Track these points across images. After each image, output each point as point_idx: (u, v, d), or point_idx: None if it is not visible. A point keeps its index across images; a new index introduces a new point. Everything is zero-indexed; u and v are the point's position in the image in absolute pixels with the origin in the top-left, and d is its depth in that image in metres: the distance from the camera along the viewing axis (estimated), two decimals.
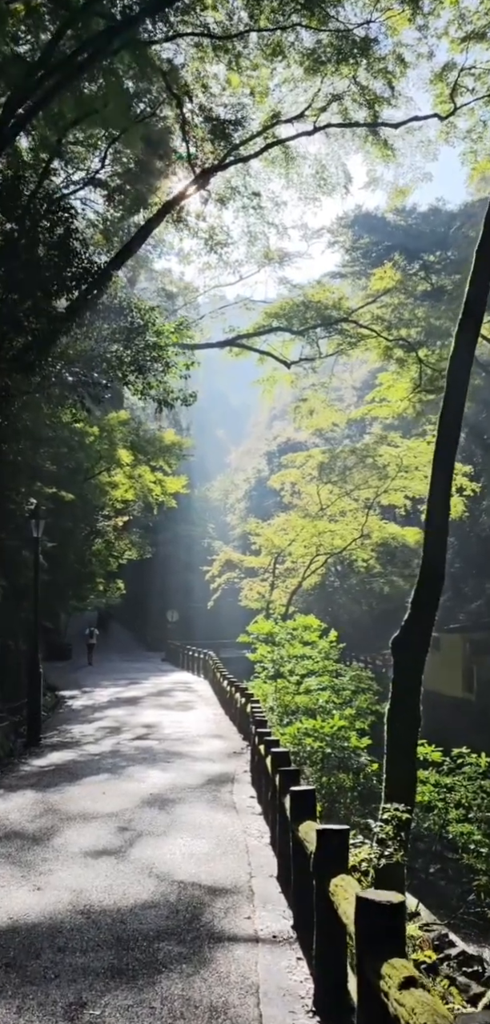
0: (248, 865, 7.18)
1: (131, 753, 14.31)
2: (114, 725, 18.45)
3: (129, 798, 10.26)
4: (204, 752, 14.61)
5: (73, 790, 10.82)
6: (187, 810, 9.54)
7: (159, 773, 12.24)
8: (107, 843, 7.97)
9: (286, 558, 36.09)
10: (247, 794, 10.81)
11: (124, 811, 9.48)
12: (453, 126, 25.78)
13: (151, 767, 12.81)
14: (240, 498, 64.42)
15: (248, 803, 10.19)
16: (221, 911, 5.85)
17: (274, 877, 6.81)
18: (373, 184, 27.21)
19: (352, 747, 15.90)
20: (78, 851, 7.64)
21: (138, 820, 8.99)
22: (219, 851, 7.63)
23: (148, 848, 7.73)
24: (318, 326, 27.36)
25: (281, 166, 26.43)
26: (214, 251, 29.82)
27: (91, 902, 6.08)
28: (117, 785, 11.21)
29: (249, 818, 9.22)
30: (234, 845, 7.87)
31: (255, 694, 18.36)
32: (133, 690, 27.39)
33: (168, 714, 20.65)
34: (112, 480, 30.32)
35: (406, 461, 32.18)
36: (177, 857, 7.39)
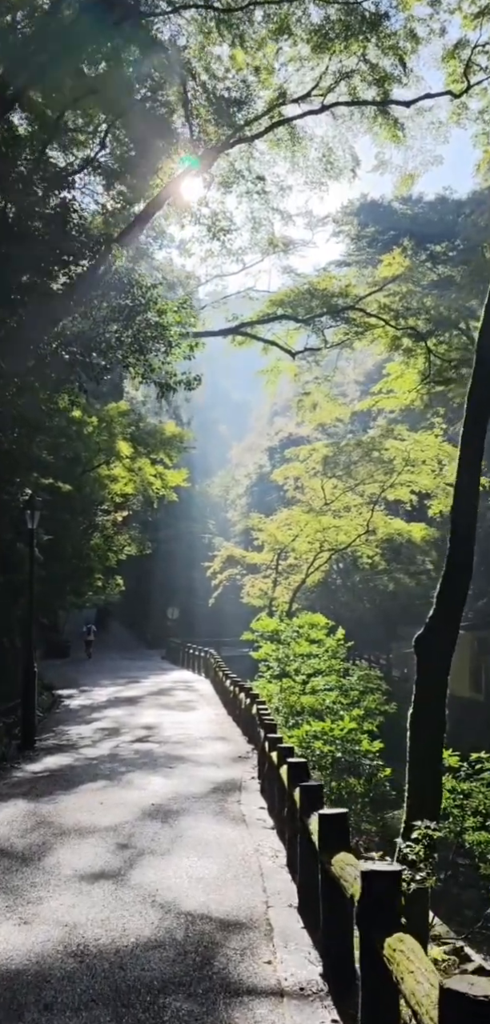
0: (263, 892, 6.36)
1: (131, 757, 13.51)
2: (113, 726, 17.65)
3: (129, 809, 9.45)
4: (208, 756, 13.80)
5: (68, 800, 10.01)
6: (192, 823, 8.72)
7: (161, 780, 11.43)
8: (104, 864, 7.15)
9: (289, 554, 35.26)
10: (256, 804, 10.00)
11: (123, 824, 8.67)
12: (465, 107, 24.94)
13: (152, 773, 12.00)
14: (241, 494, 63.61)
15: (258, 815, 9.38)
16: (236, 952, 5.03)
17: (294, 908, 5.99)
18: (382, 167, 26.37)
19: (363, 751, 15.08)
20: (72, 874, 6.82)
21: (139, 835, 8.17)
22: (230, 874, 6.81)
23: (150, 870, 6.92)
24: (324, 314, 26.51)
25: (287, 148, 25.57)
26: (217, 238, 28.95)
27: (86, 940, 5.26)
28: (116, 794, 10.40)
29: (260, 833, 8.41)
30: (246, 867, 7.05)
31: (260, 694, 17.54)
32: (133, 689, 26.60)
33: (169, 714, 19.85)
34: (111, 473, 29.48)
35: (413, 455, 31.35)
36: (183, 882, 6.57)
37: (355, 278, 27.77)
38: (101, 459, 28.44)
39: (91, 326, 13.28)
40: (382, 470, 33.19)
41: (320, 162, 26.68)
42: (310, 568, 34.42)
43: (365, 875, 3.49)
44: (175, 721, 18.56)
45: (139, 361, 14.22)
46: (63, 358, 13.12)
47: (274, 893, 6.35)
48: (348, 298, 26.05)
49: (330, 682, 20.05)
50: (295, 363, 31.80)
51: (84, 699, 23.62)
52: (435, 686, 9.33)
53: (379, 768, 15.00)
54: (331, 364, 38.87)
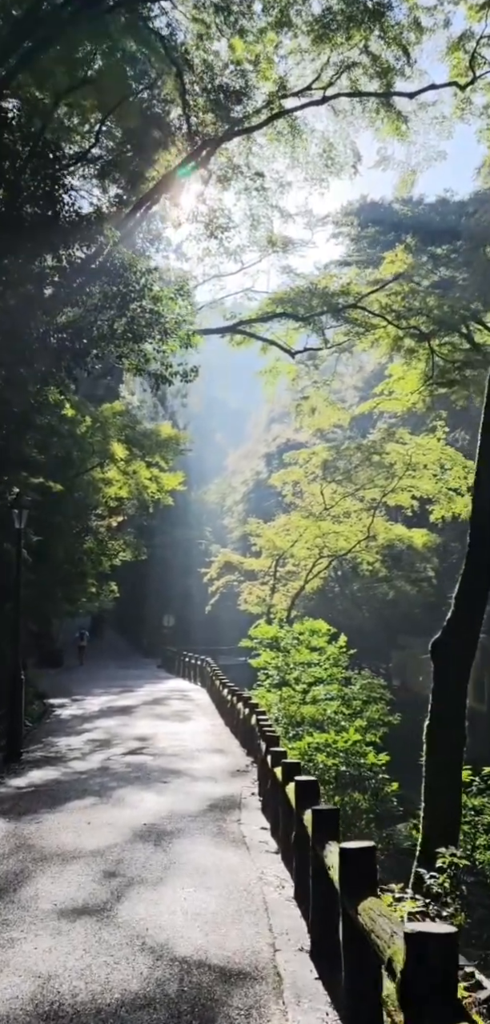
0: (269, 931, 5.55)
1: (122, 771, 12.67)
2: (104, 737, 16.81)
3: (118, 830, 8.62)
4: (204, 770, 12.97)
5: (53, 819, 9.17)
6: (188, 847, 7.90)
7: (154, 796, 10.60)
8: (88, 896, 6.33)
9: (288, 560, 34.47)
10: (257, 824, 9.19)
11: (112, 848, 7.84)
12: (469, 102, 24.34)
13: (145, 789, 11.17)
14: (238, 500, 62.83)
15: (260, 836, 8.56)
16: (240, 1013, 4.22)
17: (306, 952, 5.18)
18: (384, 163, 25.74)
19: (369, 764, 14.28)
20: (51, 908, 5.99)
21: (128, 861, 7.35)
22: (231, 908, 6.00)
23: (140, 904, 6.10)
24: (325, 313, 25.81)
25: (287, 142, 24.90)
26: (214, 236, 28.25)
27: (61, 996, 4.44)
28: (105, 812, 9.57)
29: (263, 858, 7.60)
30: (249, 900, 6.24)
31: (259, 704, 16.71)
32: (126, 698, 25.76)
33: (164, 725, 19.00)
34: (105, 476, 28.69)
35: (415, 459, 30.63)
36: (177, 918, 5.76)
37: (356, 278, 27.06)
38: (95, 461, 27.64)
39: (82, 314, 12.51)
40: (383, 475, 32.49)
41: (320, 157, 26.02)
42: (309, 575, 33.61)
43: (414, 939, 2.69)
44: (170, 732, 17.72)
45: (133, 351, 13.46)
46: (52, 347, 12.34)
47: (282, 933, 5.54)
48: (349, 296, 25.36)
49: (331, 691, 19.28)
50: (294, 366, 31.12)
51: (76, 708, 22.77)
52: (454, 694, 8.55)
53: (386, 782, 14.20)
54: (330, 369, 38.25)
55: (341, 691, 19.39)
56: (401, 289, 27.28)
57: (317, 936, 5.04)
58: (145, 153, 23.04)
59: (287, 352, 26.75)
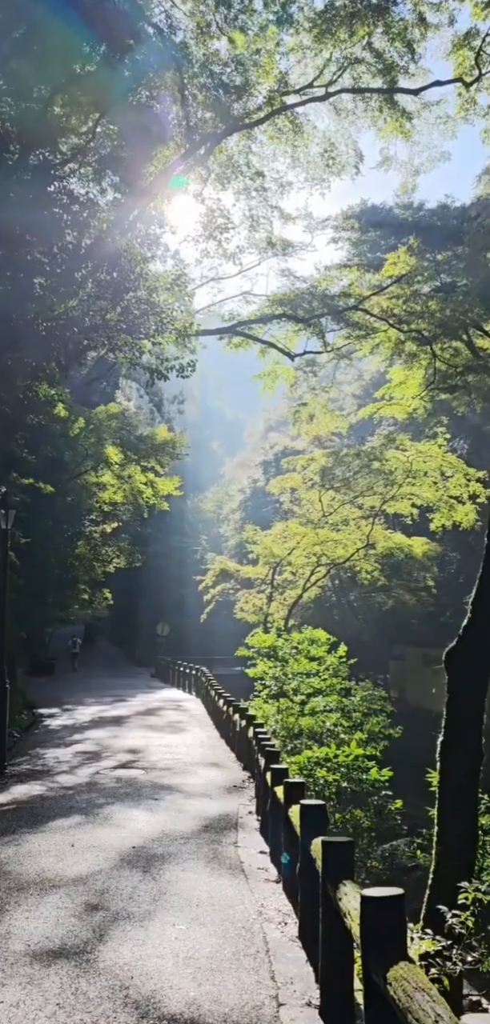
0: (272, 980, 4.86)
1: (111, 786, 11.94)
2: (94, 749, 16.07)
3: (104, 854, 7.92)
4: (199, 785, 12.26)
5: (34, 841, 8.45)
6: (180, 874, 7.20)
7: (144, 815, 9.89)
8: (67, 934, 5.62)
9: (285, 568, 33.78)
10: (256, 847, 8.49)
11: (96, 875, 7.14)
12: (473, 102, 23.87)
13: (135, 806, 10.46)
14: (234, 508, 62.17)
15: (259, 862, 7.87)
16: None
17: (314, 1008, 4.48)
18: (386, 163, 25.21)
19: (371, 780, 13.58)
20: (23, 950, 5.29)
21: (114, 891, 6.64)
22: (228, 951, 5.30)
23: (125, 945, 5.39)
24: (325, 315, 25.23)
25: (288, 140, 24.38)
26: (213, 237, 27.68)
27: None
28: (91, 833, 8.85)
29: (263, 888, 6.90)
30: (248, 939, 5.54)
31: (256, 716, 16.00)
32: (118, 708, 24.99)
33: (156, 737, 18.26)
34: (99, 480, 28.03)
35: (415, 466, 30.02)
36: (167, 963, 5.06)
37: (357, 280, 26.51)
38: (88, 465, 27.02)
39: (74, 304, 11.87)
40: (382, 482, 31.87)
41: (322, 157, 25.52)
42: (307, 583, 32.94)
43: None
44: (163, 744, 16.99)
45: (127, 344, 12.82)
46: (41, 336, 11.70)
47: (286, 982, 4.84)
48: (350, 298, 24.81)
49: (331, 703, 18.58)
50: (293, 370, 30.54)
51: (66, 718, 22.01)
52: (470, 707, 7.88)
53: (389, 800, 13.50)
54: (328, 377, 37.70)
55: (341, 703, 18.72)
56: (403, 292, 26.73)
57: (328, 990, 4.35)
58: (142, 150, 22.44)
59: (286, 355, 26.17)
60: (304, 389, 34.80)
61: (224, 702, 18.89)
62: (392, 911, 3.20)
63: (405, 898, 3.25)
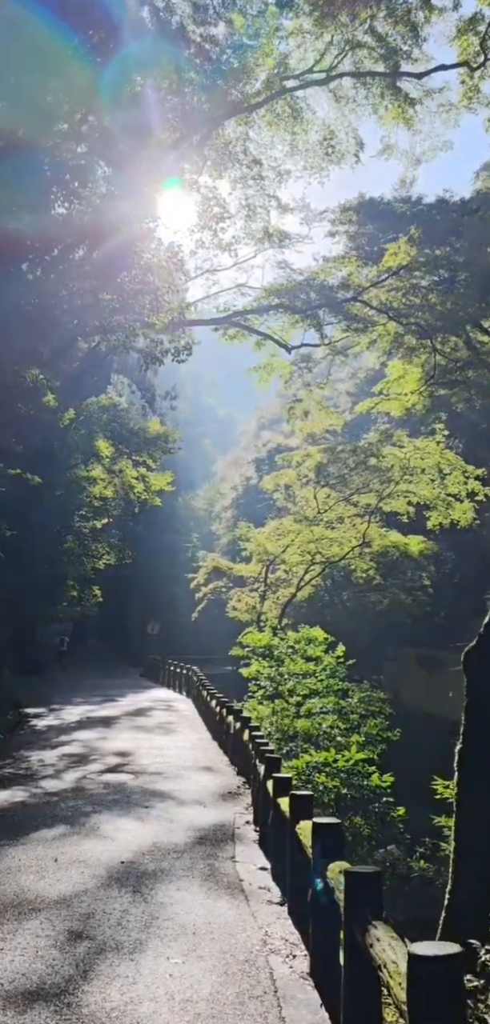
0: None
1: (99, 792, 11.24)
2: (81, 752, 15.35)
3: (91, 870, 7.23)
4: (192, 791, 11.58)
5: (13, 855, 7.75)
6: (174, 895, 6.53)
7: (134, 825, 9.21)
8: (47, 969, 4.94)
9: (278, 567, 33.12)
10: (256, 862, 7.83)
11: (81, 896, 6.45)
12: (476, 89, 23.36)
13: (124, 815, 9.78)
14: (227, 506, 61.47)
15: (260, 879, 7.21)
16: None
17: None
18: (387, 152, 24.65)
19: (373, 786, 12.94)
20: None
21: (100, 916, 5.96)
22: (230, 991, 4.63)
23: (113, 984, 4.71)
24: (323, 306, 24.62)
25: (286, 127, 23.77)
26: (208, 227, 27.01)
27: None
28: (76, 846, 8.16)
29: (266, 912, 6.24)
30: (253, 976, 4.88)
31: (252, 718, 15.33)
32: (107, 708, 24.26)
33: (146, 739, 17.57)
34: (89, 474, 27.27)
35: (413, 462, 29.44)
36: (162, 1009, 4.38)
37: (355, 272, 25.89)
38: (78, 458, 26.26)
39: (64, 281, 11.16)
40: (378, 479, 31.27)
41: (321, 145, 24.93)
42: (301, 582, 32.29)
43: None
44: (153, 747, 16.29)
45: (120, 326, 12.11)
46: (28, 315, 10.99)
47: None
48: (349, 289, 24.20)
49: (328, 704, 17.95)
50: (288, 364, 29.97)
51: (53, 719, 21.26)
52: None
53: (391, 807, 12.87)
54: (323, 374, 37.09)
55: (338, 704, 18.09)
56: (402, 284, 26.19)
57: None
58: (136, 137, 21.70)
59: (283, 347, 25.56)
60: (299, 385, 34.23)
61: (217, 703, 18.23)
62: (449, 971, 2.54)
63: (462, 957, 2.59)
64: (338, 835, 4.89)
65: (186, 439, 71.97)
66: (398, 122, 23.24)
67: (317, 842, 4.87)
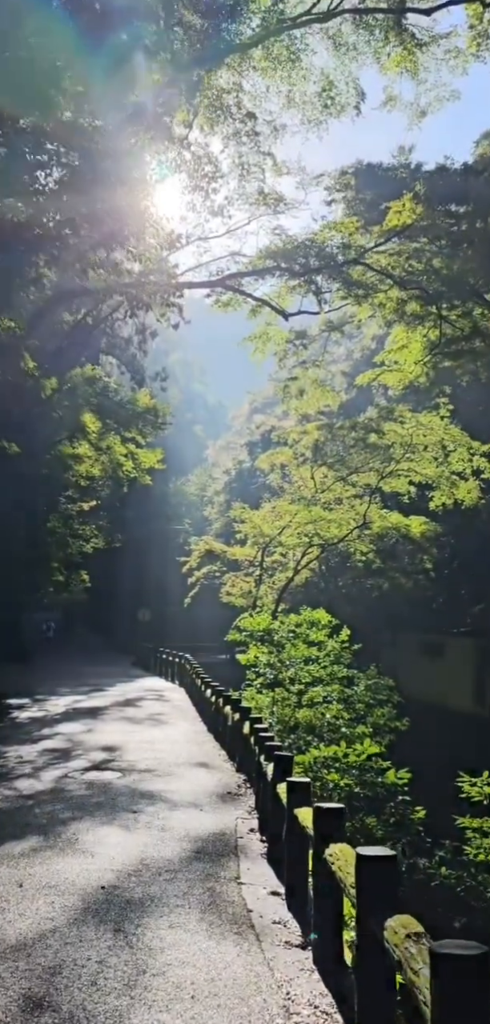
0: None
1: (80, 794, 9.84)
2: (65, 746, 13.95)
3: (62, 899, 5.82)
4: (186, 792, 10.19)
5: None
6: (165, 935, 5.12)
7: (119, 835, 7.81)
8: None
9: (275, 549, 31.71)
10: (265, 884, 6.45)
11: (47, 938, 5.04)
12: (486, 35, 21.85)
13: (108, 822, 8.38)
14: (219, 491, 59.99)
15: (272, 909, 5.82)
16: None
17: None
18: (390, 103, 23.18)
19: (389, 783, 11.58)
20: None
21: (69, 972, 4.54)
22: None
23: None
24: (323, 268, 23.13)
25: (282, 75, 22.20)
26: (199, 188, 25.49)
27: None
28: (48, 864, 6.75)
29: (285, 959, 4.84)
30: None
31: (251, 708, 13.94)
32: (95, 699, 22.89)
33: (136, 731, 16.19)
34: (75, 452, 25.74)
35: (415, 439, 28.04)
36: None
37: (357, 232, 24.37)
38: (64, 434, 24.72)
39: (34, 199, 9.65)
40: (379, 457, 29.85)
41: (319, 97, 23.40)
42: (298, 565, 30.91)
43: None
44: (143, 740, 14.91)
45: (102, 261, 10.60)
46: None
47: None
48: (350, 250, 22.72)
49: (332, 692, 16.59)
50: (284, 335, 28.50)
51: (37, 710, 19.86)
52: None
53: (409, 807, 11.51)
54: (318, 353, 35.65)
55: (343, 692, 16.74)
56: (405, 249, 24.71)
57: None
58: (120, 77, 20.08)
59: (280, 313, 24.08)
60: (293, 363, 32.83)
61: (212, 692, 16.87)
62: None
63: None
64: (392, 874, 3.49)
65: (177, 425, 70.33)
66: (402, 69, 21.73)
67: (365, 885, 3.46)
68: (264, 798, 8.36)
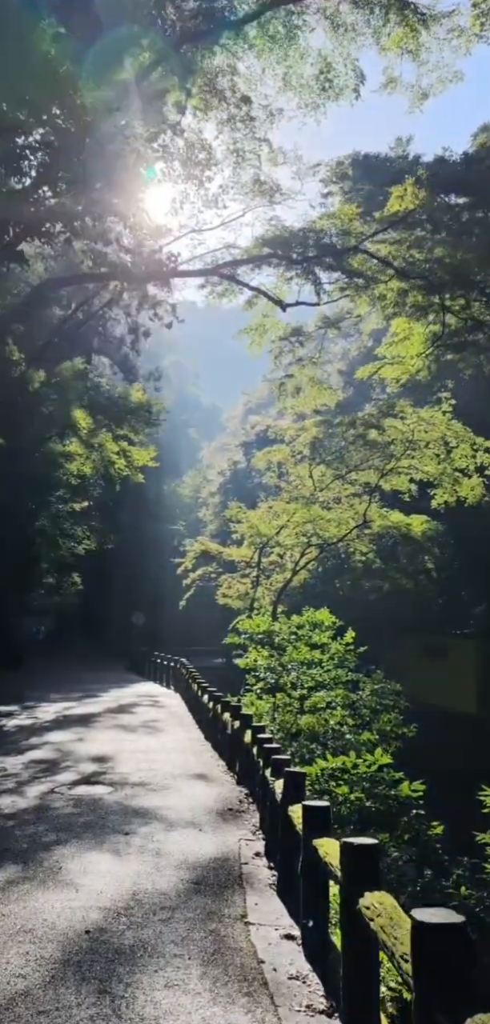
0: None
1: (66, 813, 8.93)
2: (53, 757, 13.04)
3: (39, 948, 4.92)
4: (183, 809, 9.30)
5: None
6: (160, 999, 4.23)
7: (108, 863, 6.92)
8: None
9: (272, 550, 30.82)
10: (277, 924, 5.56)
11: (16, 1005, 4.14)
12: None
13: (96, 846, 7.49)
14: (214, 492, 59.06)
15: (288, 959, 4.93)
16: None
17: None
18: (391, 85, 22.30)
19: (403, 796, 10.70)
20: None
21: None
22: None
23: None
24: (322, 257, 22.29)
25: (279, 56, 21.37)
26: (193, 177, 24.64)
27: None
28: (24, 902, 5.84)
29: None
30: None
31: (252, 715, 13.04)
32: (88, 705, 22.00)
33: (129, 740, 15.29)
34: (65, 450, 24.81)
35: (417, 435, 27.21)
36: None
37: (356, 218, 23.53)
38: (53, 431, 23.80)
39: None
40: (379, 455, 29.01)
41: (317, 80, 22.58)
42: (297, 566, 30.02)
43: None
44: (137, 749, 14.01)
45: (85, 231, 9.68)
46: None
47: None
48: (350, 237, 21.89)
49: (336, 698, 15.74)
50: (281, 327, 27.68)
51: (26, 718, 18.94)
52: None
53: (425, 823, 10.63)
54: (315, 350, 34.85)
55: (347, 697, 15.89)
56: (406, 238, 23.91)
57: None
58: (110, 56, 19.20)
59: (277, 303, 23.23)
60: (289, 360, 32.03)
61: (209, 698, 15.98)
62: None
63: None
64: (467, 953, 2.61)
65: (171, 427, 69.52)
66: (403, 50, 20.92)
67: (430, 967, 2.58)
68: (271, 818, 7.48)
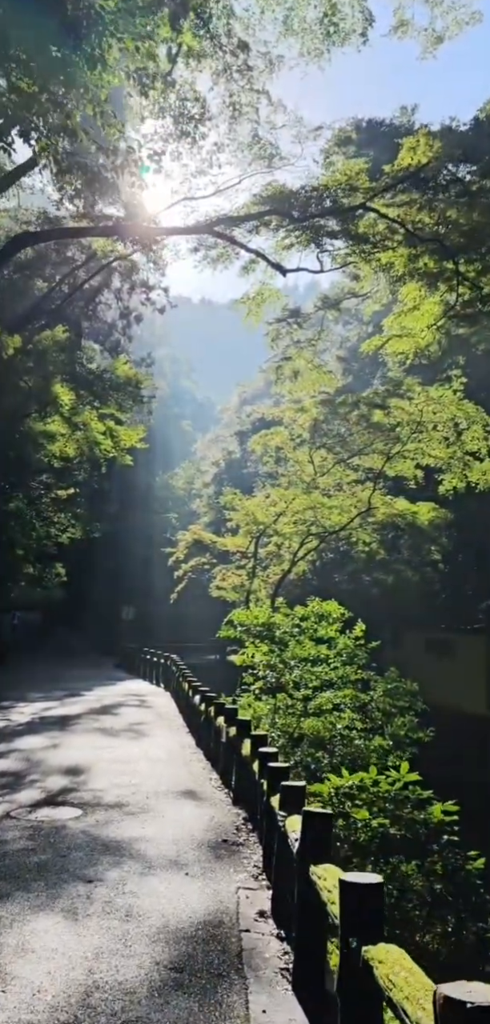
0: None
1: (17, 849, 7.03)
2: (17, 768, 11.13)
3: None
4: (166, 841, 7.42)
5: None
6: None
7: (58, 934, 5.03)
8: None
9: (269, 539, 28.95)
10: None
11: None
12: None
13: (47, 903, 5.60)
14: (208, 483, 57.19)
15: None
16: None
17: None
18: (402, 29, 20.40)
19: (435, 821, 8.81)
20: None
21: None
22: None
23: None
24: (326, 214, 20.40)
25: None
26: (186, 134, 22.67)
27: None
28: None
29: None
30: None
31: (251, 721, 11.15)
32: (68, 705, 20.11)
33: (109, 747, 13.40)
34: (46, 429, 22.83)
35: (425, 416, 25.38)
36: None
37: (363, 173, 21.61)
38: (32, 407, 21.83)
39: None
40: (383, 438, 27.17)
41: (320, 24, 20.64)
42: (295, 556, 28.15)
43: None
44: (117, 759, 12.12)
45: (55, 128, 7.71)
46: None
47: None
48: (357, 193, 20.00)
49: (344, 698, 13.90)
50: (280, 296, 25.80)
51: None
52: None
53: (460, 854, 8.72)
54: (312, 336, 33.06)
55: (357, 698, 14.05)
56: (417, 199, 21.99)
57: None
58: None
59: (277, 268, 21.34)
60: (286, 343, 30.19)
61: (201, 698, 14.08)
62: None
63: None
64: None
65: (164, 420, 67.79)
66: None
67: None
68: (279, 863, 5.60)
